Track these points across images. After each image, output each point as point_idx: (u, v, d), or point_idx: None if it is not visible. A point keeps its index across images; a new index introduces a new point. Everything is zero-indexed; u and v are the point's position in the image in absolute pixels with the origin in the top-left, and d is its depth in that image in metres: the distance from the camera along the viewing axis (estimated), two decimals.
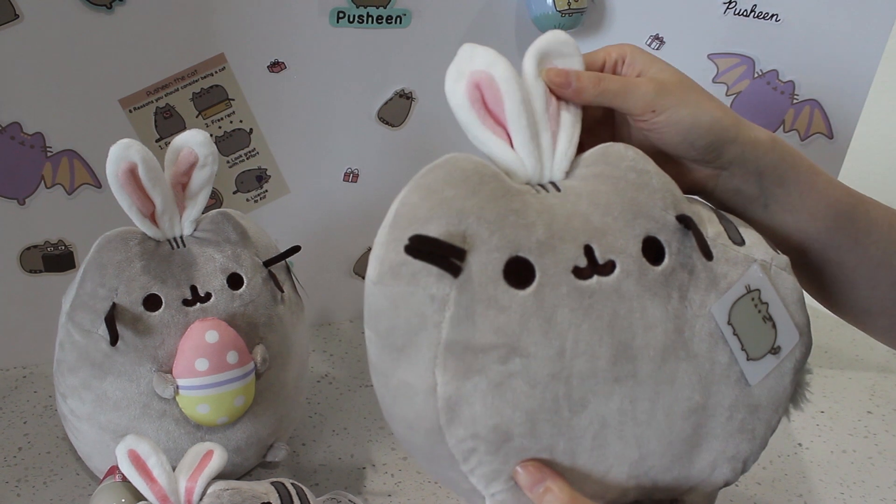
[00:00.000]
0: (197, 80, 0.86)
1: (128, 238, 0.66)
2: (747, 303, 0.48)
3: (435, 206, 0.44)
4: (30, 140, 0.84)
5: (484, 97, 0.47)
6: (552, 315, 0.44)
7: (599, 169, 0.48)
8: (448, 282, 0.44)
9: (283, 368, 0.70)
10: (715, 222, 0.50)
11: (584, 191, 0.47)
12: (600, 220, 0.46)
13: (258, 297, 0.68)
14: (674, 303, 0.46)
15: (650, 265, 0.46)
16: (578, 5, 0.92)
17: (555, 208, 0.46)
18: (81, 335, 0.65)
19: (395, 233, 0.45)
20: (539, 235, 0.45)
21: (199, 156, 0.66)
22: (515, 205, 0.45)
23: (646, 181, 0.48)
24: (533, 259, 0.44)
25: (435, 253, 0.43)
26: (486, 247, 0.44)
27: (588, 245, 0.45)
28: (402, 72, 0.94)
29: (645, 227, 0.46)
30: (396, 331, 0.45)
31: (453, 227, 0.44)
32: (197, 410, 0.65)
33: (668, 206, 0.47)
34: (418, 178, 0.47)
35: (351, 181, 0.98)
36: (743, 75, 0.94)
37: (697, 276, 0.47)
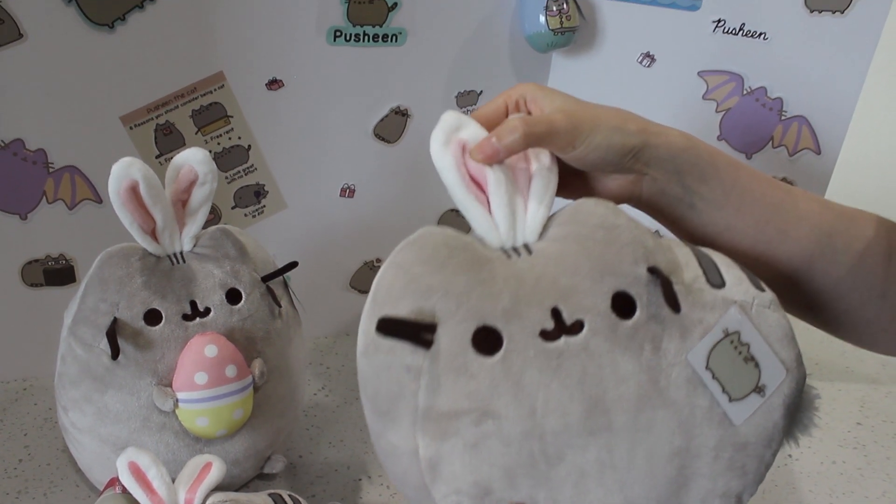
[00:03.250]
0: (196, 97, 0.88)
1: (129, 254, 0.67)
2: (726, 346, 0.48)
3: (406, 283, 0.47)
4: (32, 156, 0.85)
5: (468, 163, 0.50)
6: (520, 378, 0.46)
7: (569, 229, 0.50)
8: (421, 353, 0.47)
9: (281, 382, 0.72)
10: (693, 266, 0.50)
11: (553, 252, 0.49)
12: (568, 281, 0.48)
13: (256, 311, 0.70)
14: (646, 354, 0.47)
15: (620, 320, 0.47)
16: (570, 24, 0.93)
17: (524, 273, 0.48)
18: (83, 349, 0.67)
19: (374, 308, 0.49)
20: (505, 304, 0.47)
21: (198, 173, 0.68)
22: (483, 275, 0.47)
23: (615, 237, 0.49)
24: (500, 327, 0.46)
25: (405, 331, 0.46)
26: (454, 319, 0.46)
27: (555, 307, 0.47)
28: (398, 89, 0.96)
29: (614, 283, 0.48)
30: (380, 397, 0.49)
31: (423, 303, 0.47)
32: (196, 423, 0.66)
33: (638, 259, 0.48)
34: (394, 255, 0.50)
35: (347, 196, 0.99)
36: (732, 92, 0.96)
37: (671, 325, 0.48)
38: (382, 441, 0.50)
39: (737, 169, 0.55)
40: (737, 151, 0.98)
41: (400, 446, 0.49)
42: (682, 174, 0.54)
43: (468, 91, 0.99)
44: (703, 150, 0.54)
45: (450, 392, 0.47)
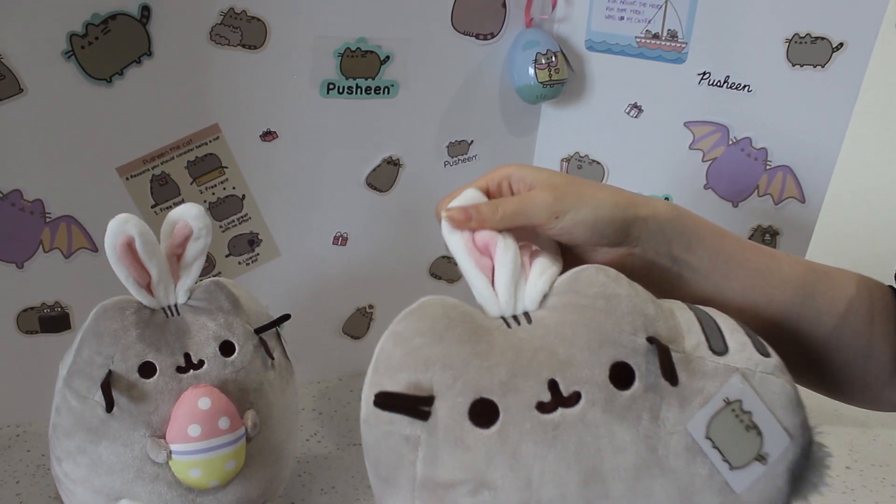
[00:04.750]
0: (192, 148, 0.90)
1: (124, 307, 0.68)
2: (727, 415, 0.47)
3: (405, 354, 0.48)
4: (30, 206, 0.86)
5: (475, 234, 0.52)
6: (516, 450, 0.46)
7: (569, 298, 0.50)
8: (419, 425, 0.47)
9: (274, 432, 0.72)
10: (695, 331, 0.50)
11: (552, 322, 0.49)
12: (566, 353, 0.48)
13: (249, 363, 0.71)
14: (644, 423, 0.47)
15: (618, 390, 0.47)
16: (559, 76, 0.96)
17: (522, 344, 0.49)
18: (78, 401, 0.68)
19: (375, 378, 0.49)
20: (502, 377, 0.47)
21: (193, 228, 0.69)
22: (481, 347, 0.48)
23: (614, 306, 0.49)
24: (496, 399, 0.47)
25: (402, 405, 0.47)
26: (451, 392, 0.47)
27: (552, 379, 0.47)
28: (390, 140, 0.98)
29: (612, 354, 0.48)
30: (381, 464, 0.50)
31: (421, 375, 0.47)
32: (189, 474, 0.67)
33: (637, 328, 0.48)
34: (395, 325, 0.50)
35: (340, 244, 1.01)
36: (718, 142, 0.98)
37: (670, 395, 0.47)
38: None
39: (721, 237, 0.56)
40: (723, 200, 1.00)
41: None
42: (670, 244, 0.55)
43: (459, 141, 1.01)
44: (689, 220, 0.56)
45: (447, 463, 0.47)
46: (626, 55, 0.98)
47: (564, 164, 1.05)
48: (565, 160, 1.05)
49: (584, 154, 1.04)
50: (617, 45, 0.98)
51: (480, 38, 0.97)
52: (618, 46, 0.98)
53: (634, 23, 0.96)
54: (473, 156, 1.03)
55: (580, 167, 1.05)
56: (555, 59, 0.95)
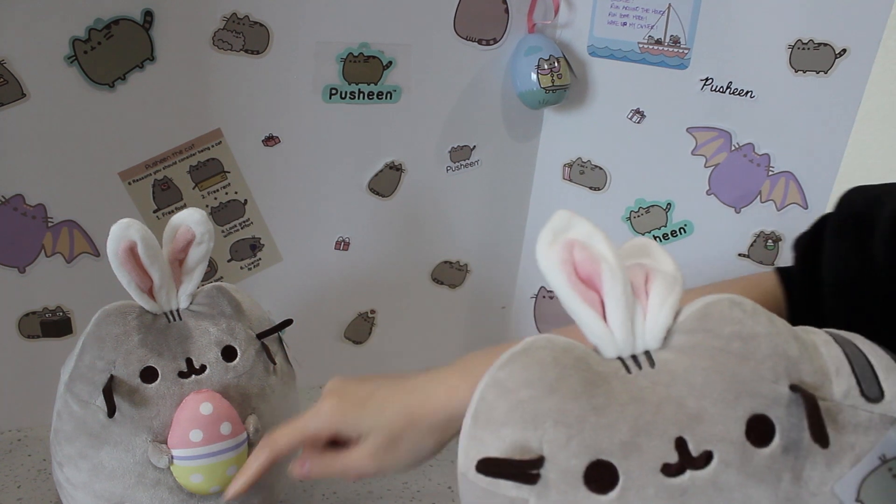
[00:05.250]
0: (194, 153, 0.90)
1: (126, 312, 0.68)
2: (883, 475, 0.42)
3: (511, 408, 0.43)
4: (32, 211, 0.86)
5: (576, 263, 0.45)
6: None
7: (699, 338, 0.44)
8: (527, 488, 0.42)
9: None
10: (845, 373, 0.43)
11: (678, 368, 0.43)
12: (696, 405, 0.42)
13: (251, 368, 0.70)
14: (785, 485, 0.42)
15: (756, 448, 0.42)
16: (562, 82, 0.95)
17: (644, 393, 0.43)
18: (79, 406, 0.67)
19: (475, 431, 0.44)
20: (623, 436, 0.42)
21: (195, 233, 0.69)
22: (598, 400, 0.42)
23: (752, 349, 0.43)
24: (615, 462, 0.42)
25: (507, 471, 0.42)
26: (565, 453, 0.42)
27: (680, 437, 0.42)
28: (392, 145, 0.98)
29: (750, 406, 0.42)
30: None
31: (529, 433, 0.42)
32: (190, 480, 0.67)
33: (779, 375, 0.42)
34: (497, 371, 0.45)
35: (342, 249, 1.01)
36: (720, 148, 0.98)
37: (815, 452, 0.42)
38: None
39: None
40: (726, 206, 1.00)
41: None
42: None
43: (461, 146, 1.01)
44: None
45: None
46: (628, 61, 0.98)
47: (567, 169, 1.05)
48: (567, 165, 1.05)
49: (586, 160, 1.04)
50: (619, 50, 0.98)
51: (483, 44, 0.97)
52: (620, 52, 0.98)
53: (637, 28, 0.96)
54: (476, 161, 1.03)
55: (582, 172, 1.05)
56: (557, 64, 0.95)
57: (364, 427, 0.56)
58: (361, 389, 0.58)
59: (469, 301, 1.12)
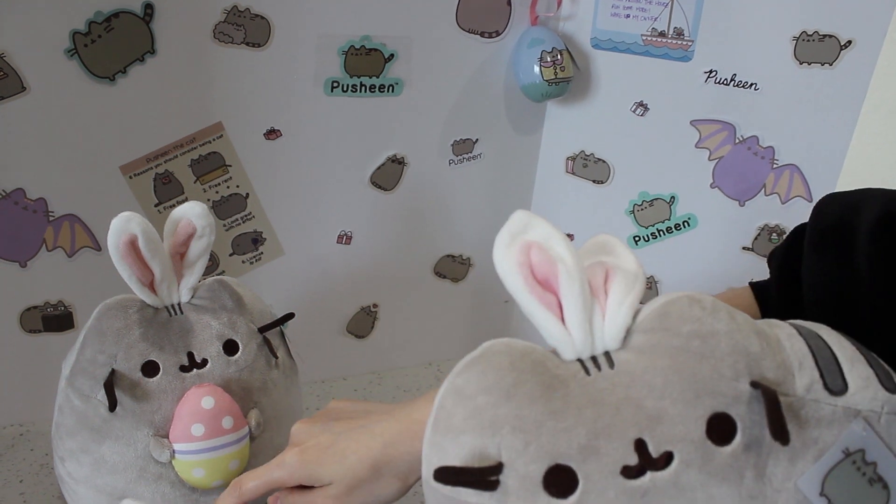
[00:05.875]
0: (195, 147, 0.89)
1: (127, 306, 0.68)
2: (847, 468, 0.41)
3: (468, 415, 0.43)
4: (33, 205, 0.86)
5: (533, 265, 0.44)
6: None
7: (658, 337, 0.43)
8: (487, 494, 0.42)
9: (278, 431, 0.72)
10: (808, 367, 0.43)
11: (638, 368, 0.43)
12: (655, 406, 0.41)
13: (253, 362, 0.70)
14: (748, 483, 0.41)
15: (717, 447, 0.41)
16: (565, 74, 0.95)
17: (603, 395, 0.42)
18: (80, 400, 0.67)
19: (435, 438, 0.44)
20: (581, 439, 0.41)
21: (197, 227, 0.68)
22: (555, 404, 0.42)
23: (712, 348, 0.42)
24: (574, 466, 0.41)
25: (465, 479, 0.42)
26: (523, 459, 0.42)
27: (640, 439, 0.41)
28: (395, 138, 0.97)
29: (710, 405, 0.41)
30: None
31: (487, 440, 0.42)
32: (192, 474, 0.67)
33: (739, 373, 0.42)
34: (454, 378, 0.45)
35: (344, 243, 1.00)
36: (724, 141, 0.97)
37: (778, 448, 0.41)
38: None
39: None
40: (730, 199, 0.99)
41: None
42: None
43: (464, 139, 1.01)
44: None
45: None
46: (631, 53, 0.97)
47: (570, 162, 1.05)
48: (570, 158, 1.05)
49: (589, 152, 1.04)
50: (623, 42, 0.97)
51: (485, 37, 0.97)
52: (623, 44, 0.97)
53: (640, 21, 0.96)
54: (478, 154, 1.03)
55: (585, 166, 1.04)
56: (560, 57, 0.95)
57: (326, 477, 0.56)
58: (324, 438, 0.57)
59: (472, 295, 1.12)
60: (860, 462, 0.41)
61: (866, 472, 0.41)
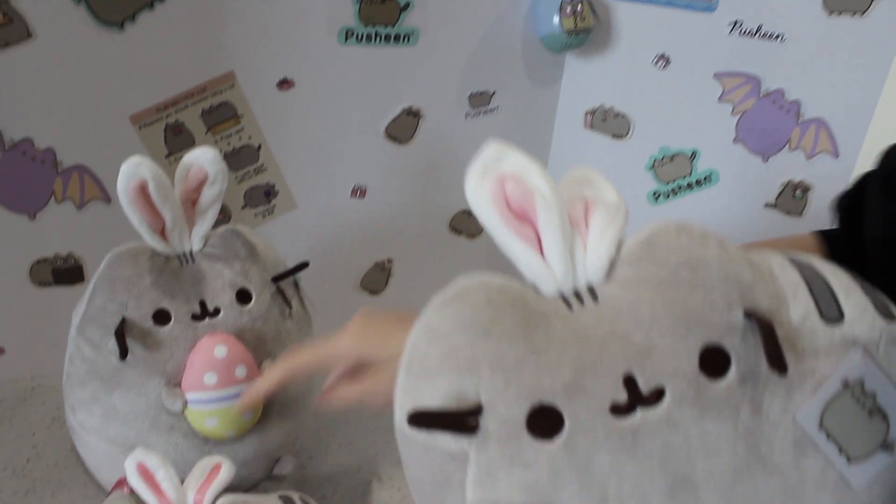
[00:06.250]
0: (206, 97, 0.87)
1: (137, 254, 0.66)
2: (846, 400, 0.39)
3: (444, 355, 0.40)
4: (41, 156, 0.85)
5: (509, 197, 0.41)
6: (588, 464, 0.39)
7: (644, 269, 0.41)
8: (466, 439, 0.39)
9: (292, 383, 0.71)
10: (803, 296, 0.41)
11: (624, 301, 0.40)
12: (644, 340, 0.39)
13: (266, 312, 0.69)
14: (744, 417, 0.39)
15: (711, 381, 0.39)
16: (584, 25, 0.93)
17: (588, 331, 0.40)
18: (91, 349, 0.66)
19: (409, 382, 0.41)
20: (566, 377, 0.39)
21: (208, 173, 0.67)
22: (537, 341, 0.39)
23: (702, 277, 0.40)
24: (560, 405, 0.39)
25: (442, 422, 0.39)
26: (504, 399, 0.39)
27: (629, 375, 0.39)
28: (410, 89, 0.95)
29: (702, 336, 0.39)
30: (424, 484, 0.42)
31: (465, 381, 0.39)
32: (205, 424, 0.65)
33: (732, 302, 0.39)
34: (427, 316, 0.41)
35: (358, 197, 0.99)
36: (748, 94, 0.95)
37: (773, 381, 0.39)
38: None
39: None
40: (753, 154, 0.97)
41: None
42: None
43: (481, 92, 0.99)
44: None
45: (503, 485, 0.39)
46: (654, 4, 0.95)
47: (589, 116, 1.03)
48: (589, 113, 1.03)
49: (608, 106, 1.01)
50: None
51: None
52: None
53: None
54: (495, 107, 1.01)
55: (604, 120, 1.02)
56: (580, 6, 0.92)
57: (383, 354, 0.55)
58: (388, 318, 0.57)
59: (487, 251, 1.10)
60: (859, 393, 0.40)
61: (866, 403, 0.40)
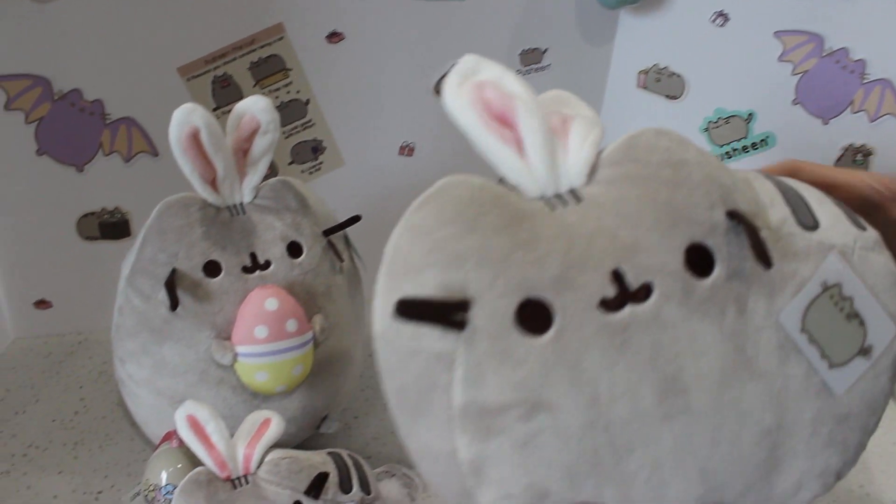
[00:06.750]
0: (255, 49, 0.86)
1: (188, 204, 0.65)
2: (825, 302, 0.41)
3: (428, 250, 0.39)
4: (89, 107, 0.84)
5: (488, 102, 0.41)
6: (578, 361, 0.39)
7: (626, 168, 0.41)
8: (453, 337, 0.39)
9: (341, 339, 0.70)
10: (779, 204, 0.43)
11: (608, 199, 0.40)
12: (630, 235, 0.39)
13: (318, 266, 0.68)
14: (730, 319, 0.40)
15: (696, 280, 0.39)
16: None
17: (573, 228, 0.40)
18: (141, 300, 0.65)
19: (391, 283, 0.40)
20: (554, 270, 0.38)
21: (261, 122, 0.65)
22: (523, 235, 0.39)
23: (684, 176, 0.40)
24: (549, 299, 0.39)
25: (430, 313, 0.38)
26: (492, 293, 0.38)
27: (616, 269, 0.39)
28: (460, 45, 0.92)
29: (687, 234, 0.39)
30: (408, 391, 0.41)
31: (452, 275, 0.38)
32: (255, 378, 0.65)
33: (714, 202, 0.40)
34: (409, 216, 0.41)
35: (406, 155, 0.97)
36: (810, 53, 0.92)
37: (759, 281, 0.40)
38: (413, 441, 0.42)
39: None
40: (812, 116, 0.94)
41: (435, 447, 0.41)
42: None
43: (532, 49, 0.96)
44: None
45: (492, 383, 0.39)
46: None
47: (642, 76, 1.00)
48: (643, 72, 1.00)
49: (663, 66, 0.98)
50: None
51: None
52: None
53: None
54: (547, 65, 0.98)
55: (658, 80, 0.99)
56: None
57: None
58: None
59: None
60: (837, 297, 0.41)
61: (844, 307, 0.41)
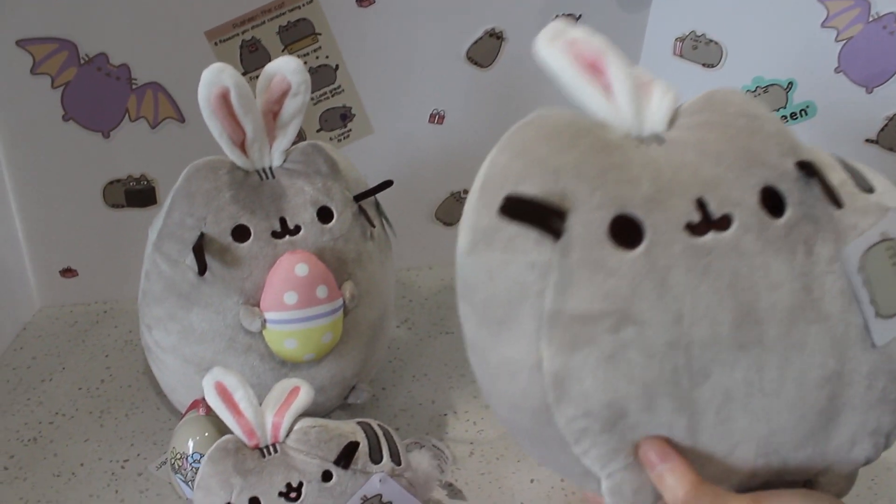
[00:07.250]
0: (284, 13, 0.84)
1: (217, 167, 0.64)
2: (881, 252, 0.43)
3: (528, 164, 0.41)
4: (116, 72, 0.83)
5: (579, 53, 0.43)
6: (666, 277, 0.40)
7: (705, 117, 0.44)
8: (548, 246, 0.40)
9: (371, 307, 0.68)
10: (838, 169, 0.45)
11: (690, 140, 0.43)
12: (711, 171, 0.42)
13: (348, 231, 0.66)
14: (799, 258, 0.41)
15: (770, 218, 0.41)
16: None
17: (659, 161, 0.42)
18: (168, 265, 0.64)
19: (485, 197, 0.42)
20: (645, 190, 0.41)
21: (291, 84, 0.64)
22: (616, 158, 0.41)
23: (758, 126, 0.43)
24: (641, 216, 0.40)
25: (533, 214, 0.39)
26: (588, 205, 0.40)
27: (700, 198, 0.41)
28: (493, 10, 0.90)
29: (762, 176, 0.42)
30: (495, 303, 0.42)
31: (550, 186, 0.40)
32: (284, 345, 0.63)
33: (785, 151, 0.42)
34: (507, 138, 0.43)
35: (436, 123, 0.95)
36: (856, 19, 0.88)
37: (824, 228, 0.42)
38: (494, 356, 0.43)
39: None
40: (856, 85, 0.91)
41: (518, 360, 0.42)
42: None
43: (567, 14, 0.93)
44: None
45: (584, 292, 0.40)
46: None
47: (679, 43, 0.97)
48: (679, 39, 0.97)
49: (700, 33, 0.96)
50: None
51: None
52: None
53: None
54: None
55: (695, 48, 0.96)
56: None
57: None
58: None
59: None
60: (893, 250, 0.43)
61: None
